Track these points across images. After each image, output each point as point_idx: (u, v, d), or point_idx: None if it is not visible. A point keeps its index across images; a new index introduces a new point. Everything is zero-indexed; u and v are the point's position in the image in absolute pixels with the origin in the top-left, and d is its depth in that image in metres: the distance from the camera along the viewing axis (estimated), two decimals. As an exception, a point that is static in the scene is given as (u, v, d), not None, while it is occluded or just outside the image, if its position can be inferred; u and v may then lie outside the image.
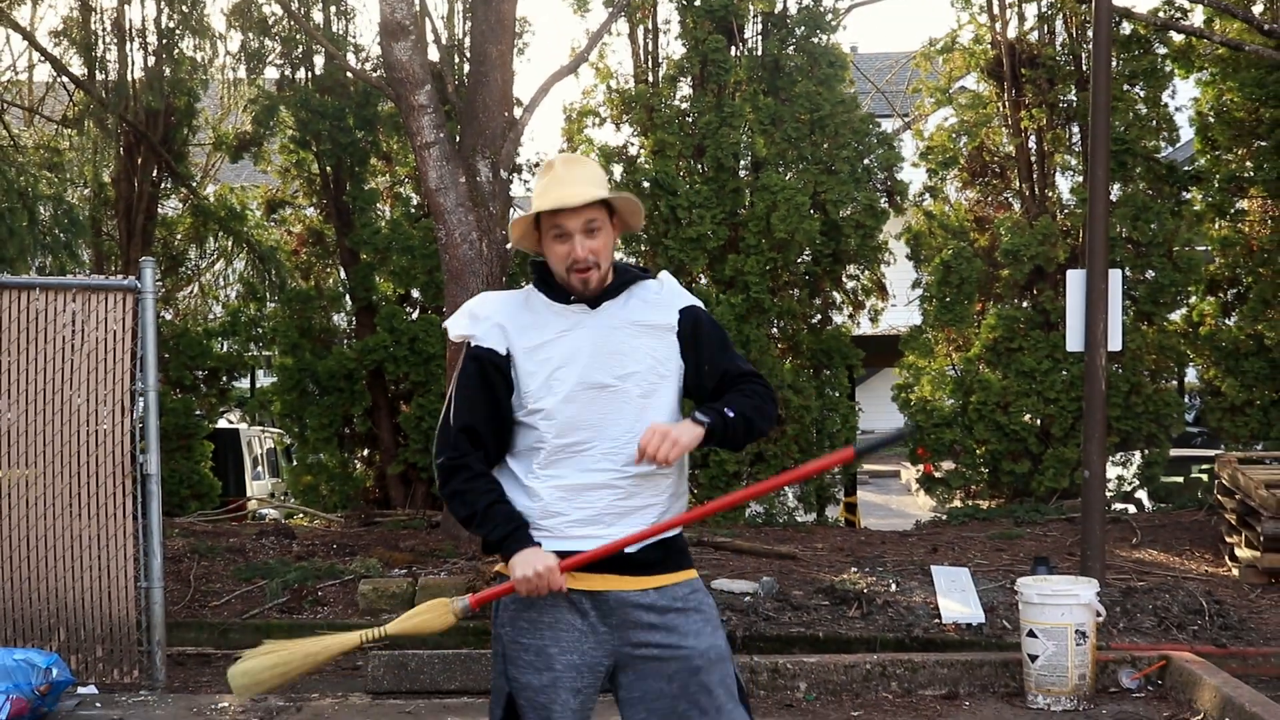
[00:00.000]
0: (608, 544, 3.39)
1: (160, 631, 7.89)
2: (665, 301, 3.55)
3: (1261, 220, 13.76)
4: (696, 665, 3.45)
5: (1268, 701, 6.69)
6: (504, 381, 3.47)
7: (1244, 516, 10.20)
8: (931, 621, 8.85)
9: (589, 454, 3.44)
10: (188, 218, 15.93)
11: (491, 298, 3.61)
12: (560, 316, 3.49)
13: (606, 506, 3.44)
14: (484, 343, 3.48)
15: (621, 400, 3.44)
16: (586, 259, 3.43)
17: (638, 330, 3.49)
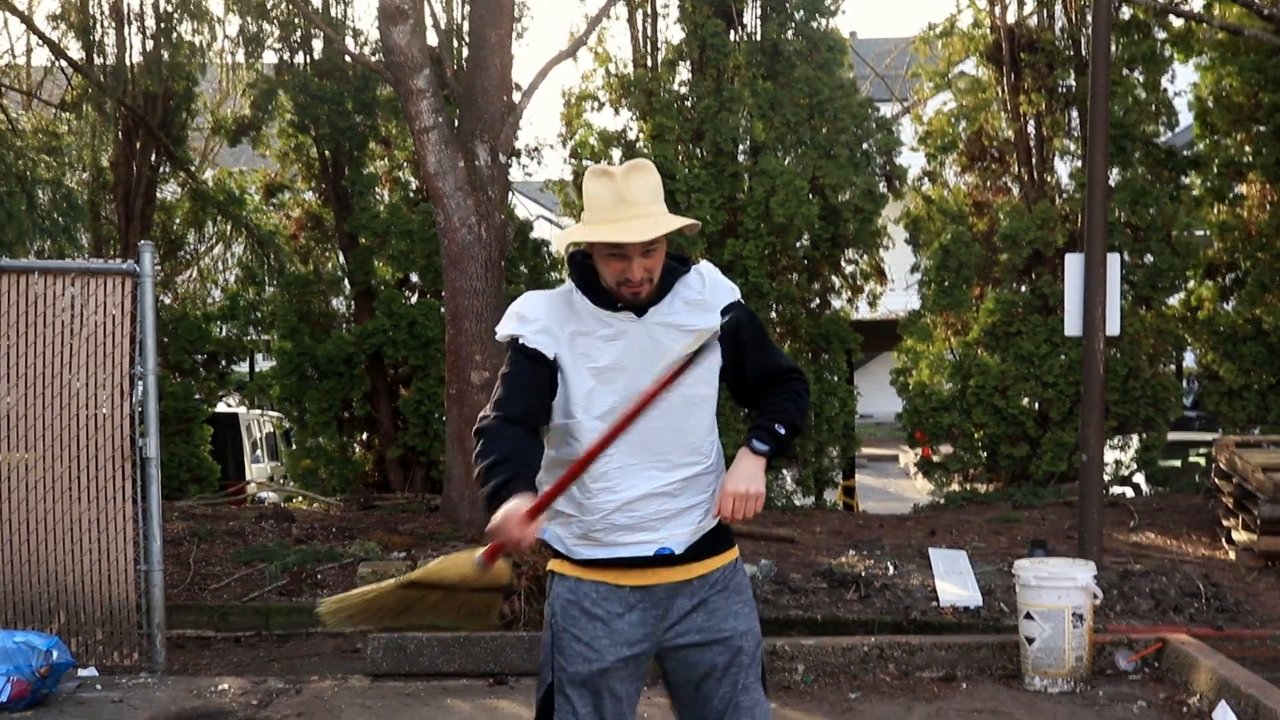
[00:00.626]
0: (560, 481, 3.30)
1: (160, 614, 7.90)
2: (708, 301, 3.49)
3: (1260, 205, 13.76)
4: (737, 646, 3.49)
5: (1264, 683, 6.71)
6: (550, 382, 3.42)
7: (1241, 500, 10.21)
8: (929, 604, 8.87)
9: (635, 465, 3.42)
10: (186, 202, 15.91)
11: (537, 299, 3.52)
12: (606, 324, 3.42)
13: (654, 513, 3.44)
14: (531, 343, 3.41)
15: (667, 406, 3.37)
16: (642, 279, 3.36)
17: (681, 335, 3.43)
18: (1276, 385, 13.37)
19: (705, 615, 3.49)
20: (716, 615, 3.50)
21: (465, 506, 11.25)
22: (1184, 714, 6.83)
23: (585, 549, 3.47)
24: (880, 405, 24.42)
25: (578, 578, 3.49)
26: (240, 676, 7.80)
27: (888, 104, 18.38)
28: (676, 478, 3.44)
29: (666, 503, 3.44)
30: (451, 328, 11.37)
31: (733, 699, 3.47)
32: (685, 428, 3.45)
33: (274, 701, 7.16)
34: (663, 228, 3.34)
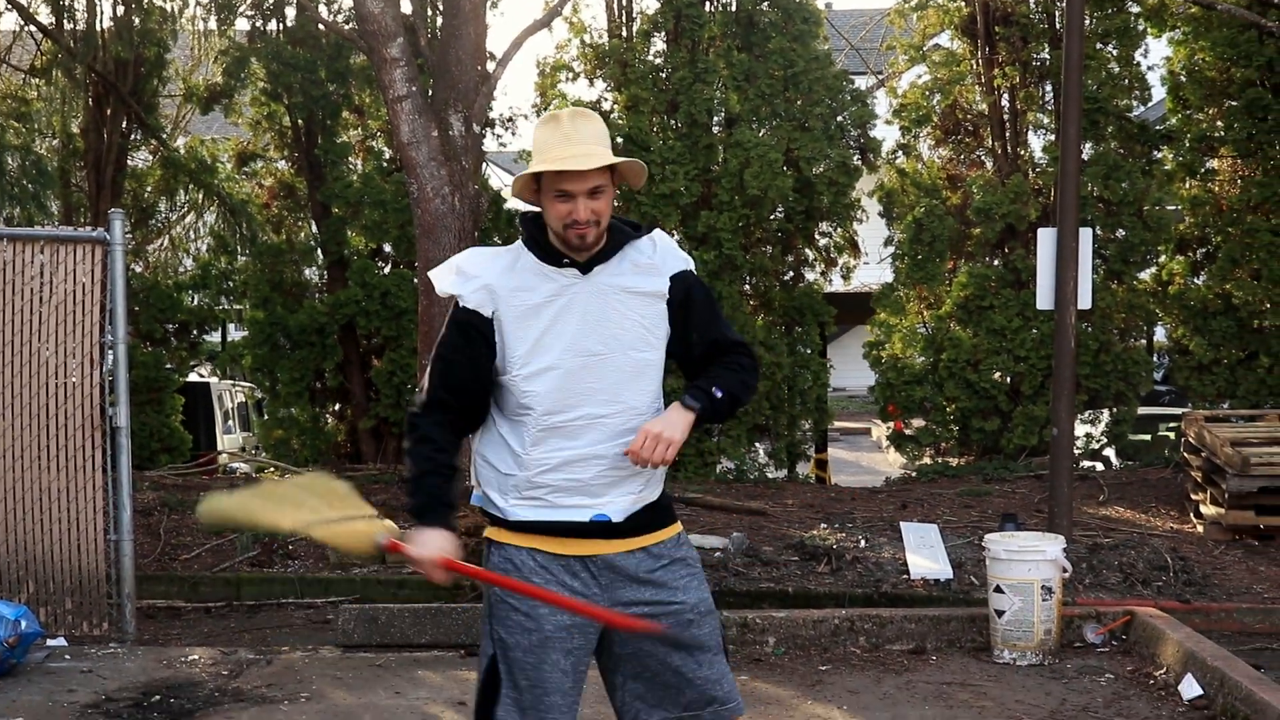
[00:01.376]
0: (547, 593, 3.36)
1: (130, 584, 7.88)
2: (658, 266, 3.48)
3: (1231, 180, 13.80)
4: (688, 619, 3.47)
5: (1229, 655, 6.76)
6: (487, 345, 3.41)
7: (1209, 474, 10.28)
8: (900, 577, 8.90)
9: (576, 424, 3.40)
10: (158, 170, 15.79)
11: (480, 255, 3.54)
12: (549, 280, 3.41)
13: (594, 476, 3.42)
14: (469, 303, 3.42)
15: (609, 368, 3.40)
16: (588, 219, 3.36)
17: (628, 297, 3.43)
18: (1246, 360, 13.44)
19: (652, 589, 3.46)
20: (664, 589, 3.47)
21: (437, 477, 11.20)
22: (1151, 686, 6.88)
23: (521, 509, 3.44)
24: (853, 378, 24.46)
25: (515, 544, 3.46)
26: (210, 647, 7.79)
27: (863, 77, 18.36)
28: (616, 442, 3.41)
29: (607, 467, 3.42)
30: (425, 299, 11.32)
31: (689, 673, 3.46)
32: (628, 392, 3.43)
33: (244, 672, 7.15)
34: (605, 160, 3.36)
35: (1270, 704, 5.82)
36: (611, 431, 3.41)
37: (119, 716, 6.29)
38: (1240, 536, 9.93)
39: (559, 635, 3.39)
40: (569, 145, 3.36)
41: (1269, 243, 13.15)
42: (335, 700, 6.63)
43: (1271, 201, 13.31)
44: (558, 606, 3.35)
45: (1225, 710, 6.22)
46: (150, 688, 6.78)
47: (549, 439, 3.41)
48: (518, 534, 3.45)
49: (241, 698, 6.68)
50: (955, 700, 6.64)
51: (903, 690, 6.83)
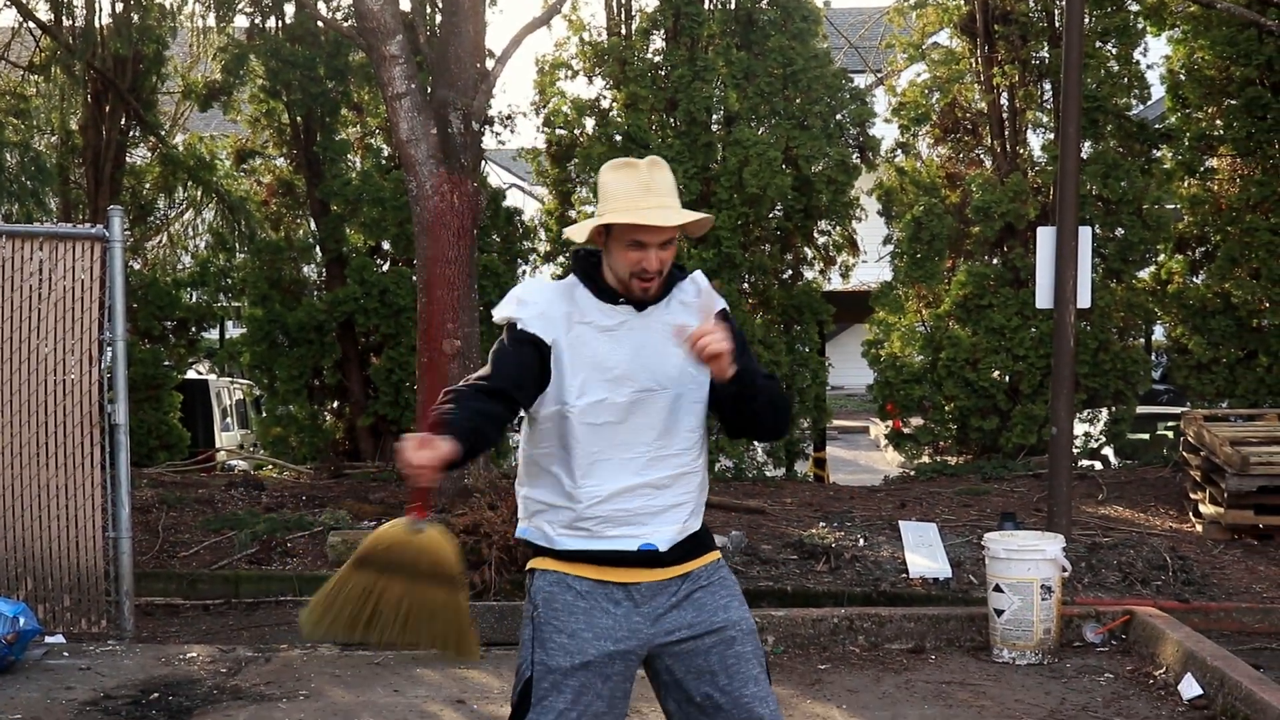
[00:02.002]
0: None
1: (128, 581, 7.87)
2: (701, 303, 3.51)
3: (1230, 179, 13.79)
4: (731, 636, 3.47)
5: (1229, 655, 6.76)
6: (542, 367, 3.42)
7: (1208, 473, 10.28)
8: (899, 576, 8.90)
9: (625, 456, 3.43)
10: (156, 167, 15.76)
11: (540, 286, 3.54)
12: (606, 315, 3.45)
13: (641, 507, 3.44)
14: (530, 328, 3.43)
15: (659, 403, 3.44)
16: (657, 270, 3.40)
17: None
18: (1245, 359, 13.44)
19: (694, 610, 3.47)
20: (705, 609, 3.48)
21: (436, 475, 11.19)
22: (1150, 686, 6.88)
23: (569, 539, 3.45)
24: (851, 377, 24.45)
25: (561, 571, 3.47)
26: (209, 644, 7.78)
27: (861, 75, 18.34)
28: (663, 474, 3.45)
29: (652, 497, 3.44)
30: (423, 296, 11.32)
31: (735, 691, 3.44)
32: (673, 426, 3.46)
33: (243, 670, 7.15)
34: (689, 216, 3.41)
35: (1270, 704, 5.82)
36: (660, 465, 3.45)
37: (117, 714, 6.29)
38: (1239, 536, 9.93)
39: (600, 660, 3.39)
40: (650, 196, 3.40)
41: (1268, 242, 13.15)
42: (334, 698, 6.63)
43: (1271, 200, 13.30)
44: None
45: (1225, 710, 6.22)
46: (149, 685, 6.78)
47: (599, 470, 3.42)
48: (565, 562, 3.47)
49: (240, 695, 6.67)
50: (954, 699, 6.64)
51: (902, 689, 6.83)
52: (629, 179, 3.43)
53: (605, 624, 3.41)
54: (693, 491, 3.52)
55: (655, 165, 3.47)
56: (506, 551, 8.68)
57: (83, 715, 6.24)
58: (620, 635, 3.41)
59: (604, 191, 3.46)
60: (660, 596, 3.45)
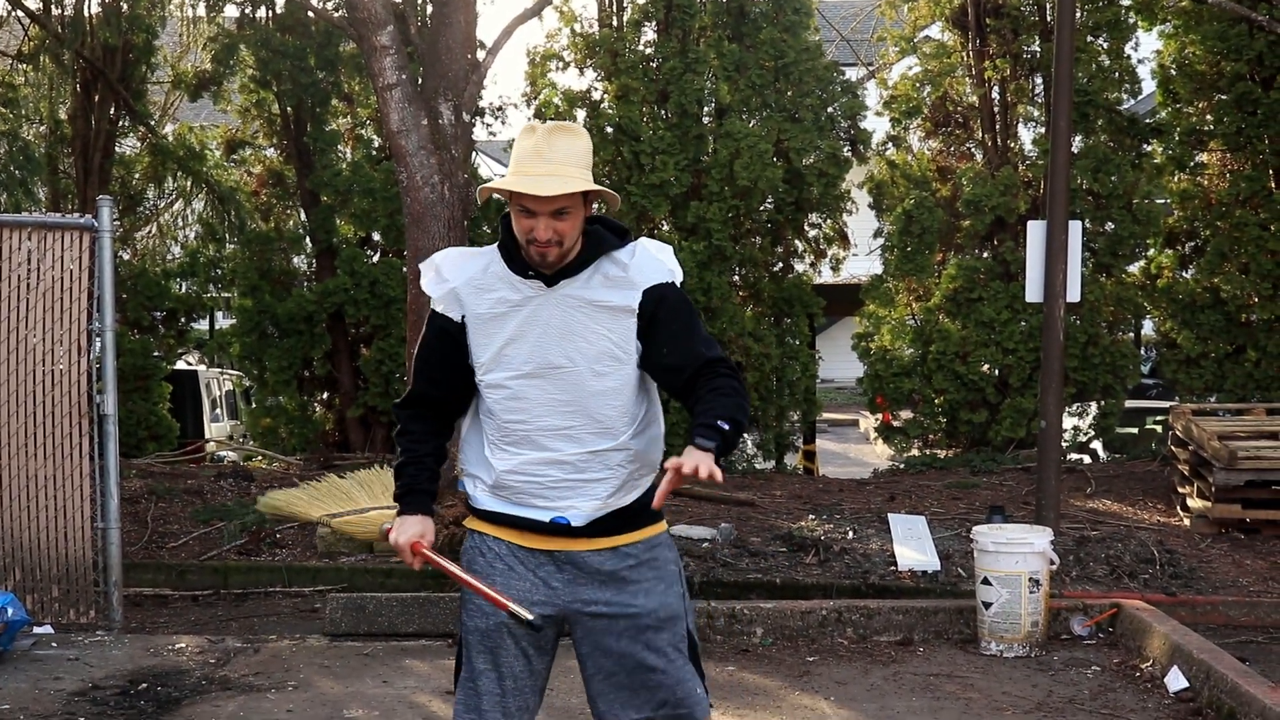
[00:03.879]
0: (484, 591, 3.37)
1: (117, 572, 7.86)
2: (631, 279, 3.39)
3: (1220, 174, 13.82)
4: (645, 624, 3.45)
5: (1215, 648, 6.79)
6: (457, 346, 3.46)
7: (1196, 467, 10.31)
8: (888, 569, 8.92)
9: (536, 433, 3.42)
10: (146, 157, 15.74)
11: (455, 258, 3.51)
12: (514, 289, 3.39)
13: (555, 482, 3.43)
14: (439, 306, 3.48)
15: (571, 381, 3.38)
16: (548, 239, 3.31)
17: (594, 310, 3.38)
18: (1233, 354, 13.47)
19: (614, 589, 3.46)
20: (625, 591, 3.46)
21: (426, 467, 11.21)
22: (1137, 679, 6.90)
23: (489, 500, 3.51)
24: (841, 370, 24.51)
25: (483, 533, 3.53)
26: (198, 635, 7.78)
27: (853, 68, 18.37)
28: (580, 449, 3.41)
29: (569, 473, 3.42)
30: (413, 287, 11.31)
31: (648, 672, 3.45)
32: (594, 404, 3.41)
33: (231, 660, 7.15)
34: (568, 188, 3.28)
35: (1256, 697, 5.85)
36: (574, 441, 3.42)
37: (106, 705, 6.29)
38: (1226, 530, 9.97)
39: (511, 623, 3.42)
40: (539, 163, 3.31)
41: (1257, 237, 13.18)
42: (322, 689, 6.63)
43: (1260, 195, 13.34)
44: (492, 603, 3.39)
45: (1211, 703, 6.25)
46: (137, 676, 6.78)
47: (508, 444, 3.45)
48: (489, 524, 3.52)
49: (228, 686, 6.67)
50: (942, 691, 6.66)
51: (890, 681, 6.85)
52: (526, 143, 3.35)
53: (520, 587, 3.44)
54: (617, 468, 3.44)
55: (556, 130, 3.36)
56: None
57: (71, 705, 6.25)
58: (536, 599, 3.43)
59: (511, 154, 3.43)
60: (582, 566, 3.46)
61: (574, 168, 3.32)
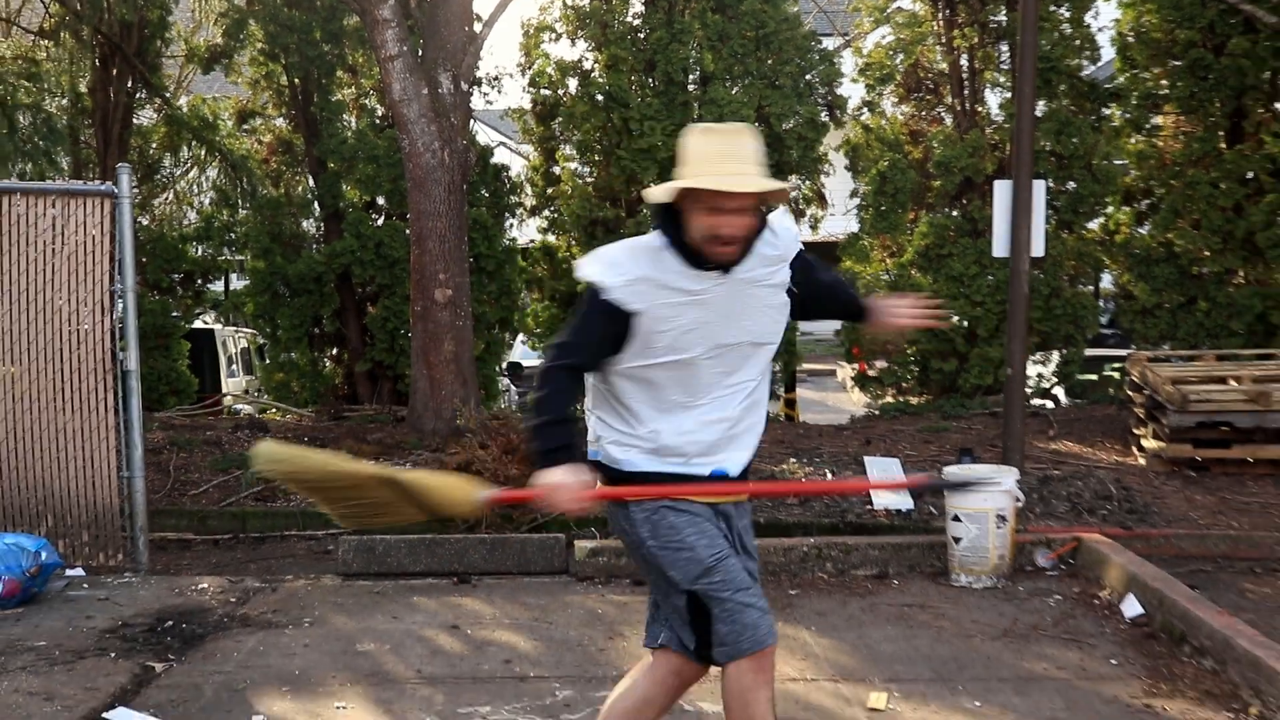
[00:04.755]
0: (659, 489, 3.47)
1: (142, 518, 7.89)
2: (783, 255, 3.52)
3: (1174, 135, 13.81)
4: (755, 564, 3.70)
5: (1168, 577, 6.86)
6: (623, 334, 3.39)
7: (1151, 410, 10.36)
8: (864, 508, 8.97)
9: (710, 400, 3.46)
10: (162, 127, 15.66)
11: (628, 250, 3.45)
12: (694, 281, 3.38)
13: (720, 435, 3.50)
14: (613, 295, 3.37)
15: (736, 355, 3.47)
16: (735, 235, 3.32)
17: (760, 289, 3.47)
18: (1185, 305, 13.50)
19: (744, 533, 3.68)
20: (747, 534, 3.70)
21: (429, 417, 11.25)
22: (1096, 606, 6.97)
23: (650, 462, 3.49)
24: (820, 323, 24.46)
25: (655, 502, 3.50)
26: (219, 576, 7.82)
27: (830, 37, 18.25)
28: (743, 407, 3.51)
29: (730, 428, 3.51)
30: (416, 248, 11.30)
31: None
32: (749, 369, 3.51)
33: (251, 599, 7.19)
34: (768, 184, 3.31)
35: (1204, 620, 5.92)
36: (731, 403, 3.50)
37: (135, 640, 6.33)
38: (1179, 468, 10.03)
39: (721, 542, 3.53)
40: (732, 162, 3.30)
41: (1208, 195, 13.19)
42: (336, 625, 6.68)
43: (1211, 156, 13.34)
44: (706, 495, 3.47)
45: (1164, 627, 6.32)
46: (163, 614, 6.82)
47: (674, 413, 3.47)
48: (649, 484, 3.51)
49: (249, 623, 6.72)
50: (915, 621, 6.72)
51: (867, 612, 6.91)
52: (711, 144, 3.34)
53: (710, 528, 3.52)
54: (761, 415, 3.61)
55: (739, 132, 3.38)
56: (499, 482, 8.72)
57: (103, 641, 6.28)
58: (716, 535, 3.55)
59: (686, 155, 3.37)
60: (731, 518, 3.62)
61: (760, 167, 3.36)
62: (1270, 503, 9.16)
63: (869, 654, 6.11)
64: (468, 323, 11.48)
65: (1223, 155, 13.29)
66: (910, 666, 5.90)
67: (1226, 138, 13.49)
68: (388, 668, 5.95)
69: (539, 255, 14.62)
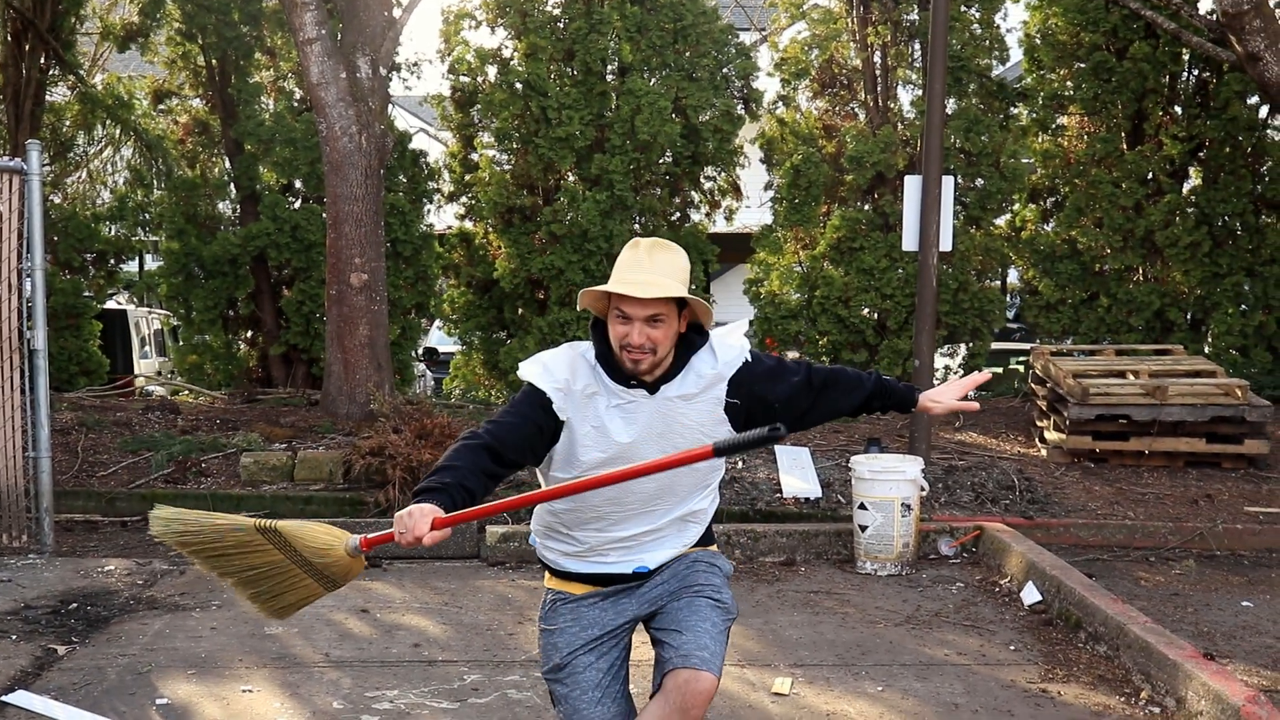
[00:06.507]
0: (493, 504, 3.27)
1: (48, 499, 7.71)
2: (721, 374, 3.36)
3: (1079, 135, 14.02)
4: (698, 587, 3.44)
5: (1066, 565, 6.96)
6: (551, 435, 3.31)
7: (1053, 403, 10.51)
8: (773, 496, 9.00)
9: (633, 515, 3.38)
10: (75, 105, 15.28)
11: (565, 359, 3.36)
12: (619, 396, 3.30)
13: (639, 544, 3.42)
14: (548, 399, 3.29)
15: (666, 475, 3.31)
16: (642, 345, 3.24)
17: (687, 405, 3.34)
18: (1088, 300, 13.72)
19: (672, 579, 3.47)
20: (679, 577, 3.47)
21: (344, 401, 11.12)
22: (996, 593, 7.05)
23: (568, 562, 3.47)
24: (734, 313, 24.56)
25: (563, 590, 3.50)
26: (126, 558, 7.66)
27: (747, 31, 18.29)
28: (664, 521, 3.42)
29: (651, 538, 3.43)
30: (332, 232, 11.15)
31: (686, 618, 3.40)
32: (680, 485, 3.40)
33: (158, 581, 7.05)
34: (664, 291, 3.21)
35: (1099, 607, 6.00)
36: (657, 516, 3.41)
37: (37, 623, 6.17)
38: (1079, 459, 10.18)
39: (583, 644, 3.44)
40: (638, 271, 3.26)
41: (1110, 194, 13.41)
42: (244, 608, 6.53)
43: (1113, 156, 13.56)
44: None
45: (1061, 614, 6.40)
46: (68, 596, 6.66)
47: (596, 523, 3.40)
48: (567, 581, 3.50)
49: (155, 605, 6.58)
50: (821, 607, 6.75)
51: (774, 599, 6.92)
52: (630, 254, 3.31)
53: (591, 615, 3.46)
54: (697, 524, 3.50)
55: (656, 246, 3.32)
56: (409, 472, 8.64)
57: (3, 624, 6.12)
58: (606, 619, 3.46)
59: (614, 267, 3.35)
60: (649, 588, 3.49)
61: (671, 279, 3.27)
62: (1165, 493, 9.33)
63: (775, 640, 6.12)
64: (383, 307, 11.36)
65: (1124, 156, 13.52)
66: (815, 652, 5.93)
67: (1128, 139, 13.73)
68: (296, 651, 5.86)
69: (456, 241, 14.50)
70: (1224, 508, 9.01)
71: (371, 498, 8.72)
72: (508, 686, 5.39)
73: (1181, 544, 8.41)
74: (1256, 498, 9.29)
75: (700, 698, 3.22)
